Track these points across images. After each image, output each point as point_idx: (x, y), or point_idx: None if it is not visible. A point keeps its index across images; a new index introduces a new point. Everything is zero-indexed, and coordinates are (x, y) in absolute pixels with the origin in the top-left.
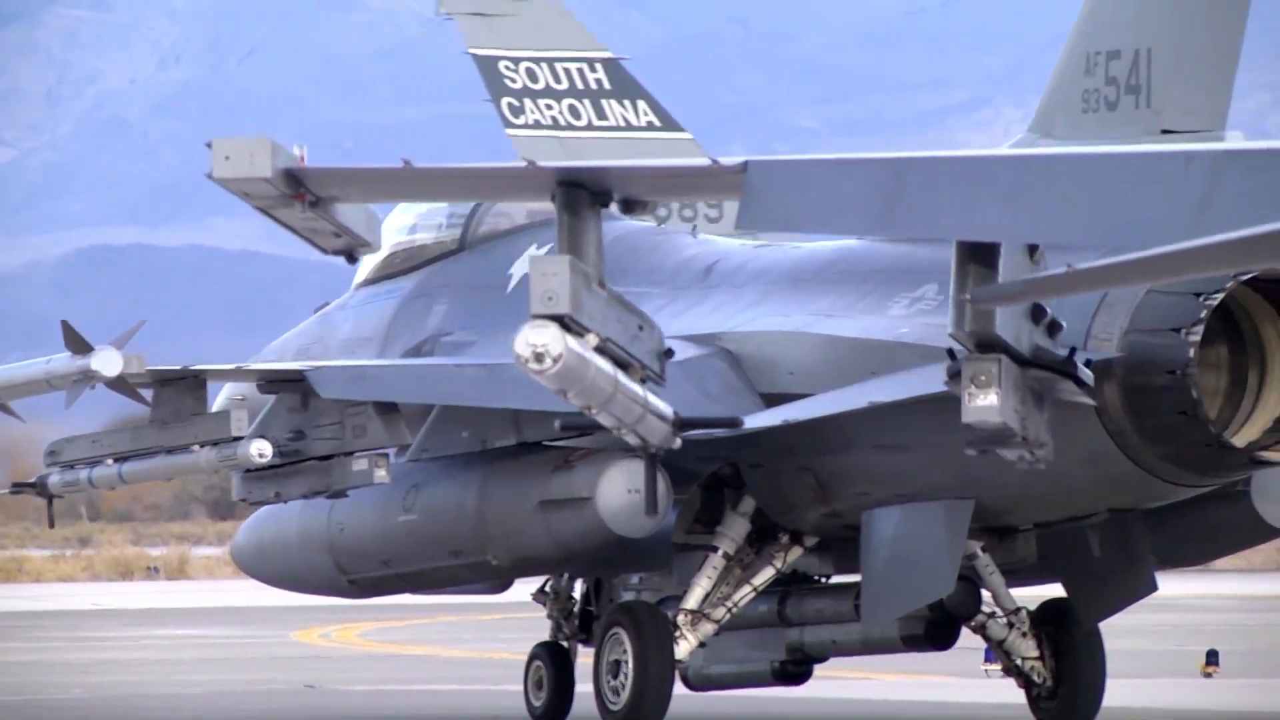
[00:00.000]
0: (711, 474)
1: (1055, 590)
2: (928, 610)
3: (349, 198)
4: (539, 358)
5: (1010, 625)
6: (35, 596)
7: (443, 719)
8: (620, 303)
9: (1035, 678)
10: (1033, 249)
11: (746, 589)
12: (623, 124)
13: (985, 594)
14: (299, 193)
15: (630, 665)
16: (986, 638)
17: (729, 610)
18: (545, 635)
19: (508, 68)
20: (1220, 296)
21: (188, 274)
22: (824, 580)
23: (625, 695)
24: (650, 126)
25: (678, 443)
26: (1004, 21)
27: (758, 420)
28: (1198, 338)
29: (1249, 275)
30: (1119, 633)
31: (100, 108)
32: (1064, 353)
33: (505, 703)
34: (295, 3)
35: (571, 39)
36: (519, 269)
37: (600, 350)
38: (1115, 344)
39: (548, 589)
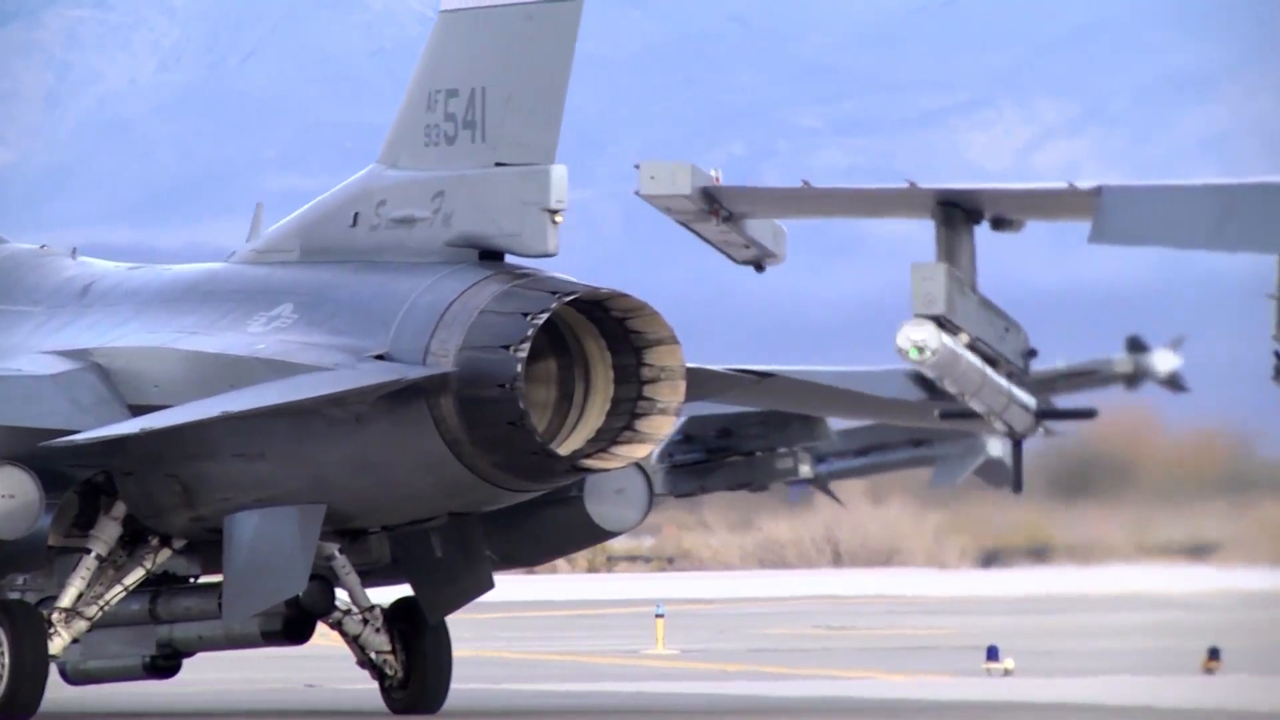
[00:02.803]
0: (86, 480)
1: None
2: (284, 607)
3: (756, 214)
4: (920, 350)
5: (365, 621)
6: None
7: (442, 716)
8: (990, 307)
9: (388, 670)
10: None
11: (118, 588)
12: None
13: (342, 592)
14: (714, 208)
15: (6, 660)
16: (343, 633)
17: (101, 608)
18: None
19: None
20: (545, 316)
21: None
22: (192, 580)
23: (0, 689)
24: None
25: (1040, 431)
26: (1005, 21)
27: (116, 429)
28: (525, 354)
29: (572, 296)
30: (1121, 630)
31: (100, 109)
32: None
33: (505, 700)
34: (295, 3)
35: None
36: None
37: (971, 347)
38: (451, 359)
39: None
